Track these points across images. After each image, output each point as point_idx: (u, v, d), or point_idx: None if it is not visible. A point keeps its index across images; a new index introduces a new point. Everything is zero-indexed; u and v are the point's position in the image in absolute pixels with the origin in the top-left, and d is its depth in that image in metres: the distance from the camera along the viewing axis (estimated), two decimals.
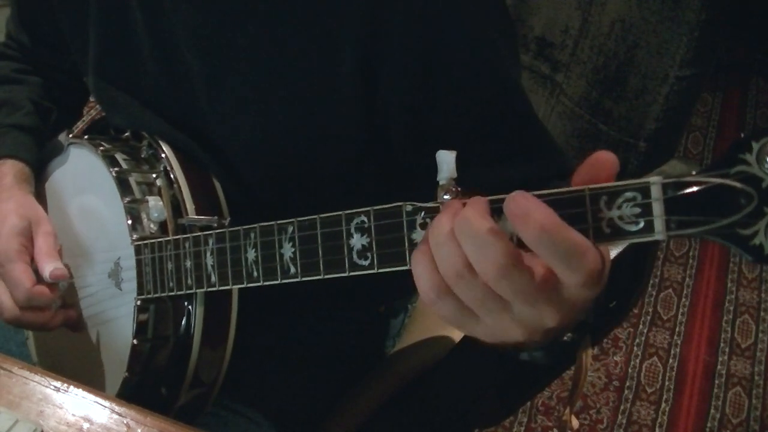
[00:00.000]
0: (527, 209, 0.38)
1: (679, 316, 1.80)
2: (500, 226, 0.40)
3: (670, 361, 1.70)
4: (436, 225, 0.42)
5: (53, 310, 0.76)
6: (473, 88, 0.64)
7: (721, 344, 1.74)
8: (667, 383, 1.65)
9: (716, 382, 1.65)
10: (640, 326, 1.78)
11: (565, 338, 0.47)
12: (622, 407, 1.60)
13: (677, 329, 1.77)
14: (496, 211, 0.41)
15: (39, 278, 0.74)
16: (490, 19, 0.65)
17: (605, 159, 0.40)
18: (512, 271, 0.39)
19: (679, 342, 1.74)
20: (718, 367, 1.69)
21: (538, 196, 0.40)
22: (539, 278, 0.40)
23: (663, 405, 1.61)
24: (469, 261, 0.40)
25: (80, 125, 1.03)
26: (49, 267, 0.73)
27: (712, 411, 1.59)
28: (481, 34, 0.64)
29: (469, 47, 0.63)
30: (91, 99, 0.91)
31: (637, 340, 1.74)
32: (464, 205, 0.42)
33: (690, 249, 1.97)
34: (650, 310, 1.82)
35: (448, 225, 0.41)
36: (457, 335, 0.95)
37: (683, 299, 1.84)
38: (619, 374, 1.67)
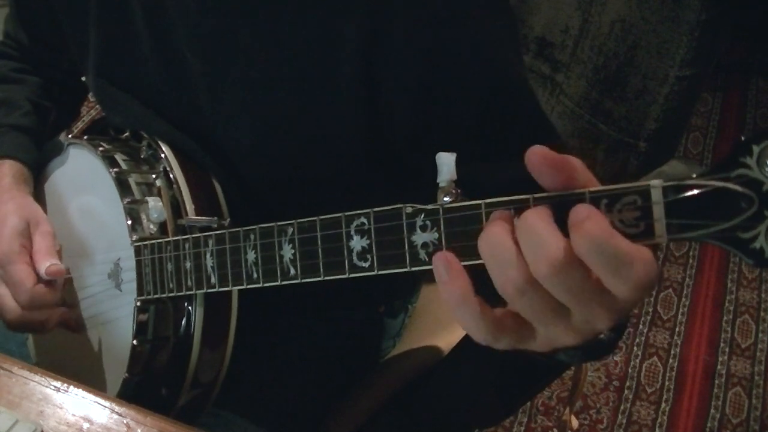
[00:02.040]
0: (583, 217, 0.37)
1: (679, 316, 1.80)
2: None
3: (670, 361, 1.70)
4: (490, 233, 0.40)
5: (54, 309, 0.75)
6: (477, 87, 0.64)
7: (721, 344, 1.74)
8: (667, 383, 1.65)
9: (716, 382, 1.65)
10: (640, 326, 1.78)
11: (602, 337, 0.47)
12: (622, 407, 1.60)
13: (677, 329, 1.77)
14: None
15: (39, 277, 0.74)
16: (492, 17, 0.65)
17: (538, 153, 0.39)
18: (568, 267, 0.38)
19: (679, 342, 1.74)
20: (718, 367, 1.69)
21: (540, 198, 0.40)
22: (596, 279, 0.38)
23: (663, 405, 1.61)
24: (527, 268, 0.39)
25: (80, 125, 1.03)
26: (45, 264, 0.73)
27: (712, 411, 1.60)
28: (484, 32, 0.64)
29: (471, 45, 0.63)
30: (91, 98, 0.91)
31: (637, 340, 1.74)
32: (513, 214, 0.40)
33: (690, 249, 1.97)
34: (650, 310, 1.82)
35: (502, 230, 0.39)
36: (456, 336, 0.95)
37: (683, 299, 1.84)
38: (619, 374, 1.67)
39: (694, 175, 0.35)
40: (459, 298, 0.41)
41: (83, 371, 0.78)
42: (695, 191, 0.36)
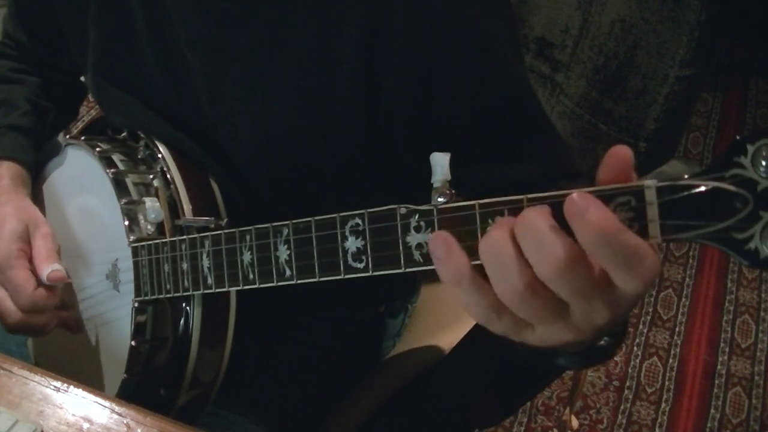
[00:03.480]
0: (586, 210, 0.36)
1: (679, 316, 1.80)
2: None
3: (670, 361, 1.70)
4: (491, 240, 0.40)
5: (53, 313, 0.75)
6: (476, 89, 0.64)
7: (721, 344, 1.73)
8: (667, 383, 1.65)
9: (716, 382, 1.65)
10: (640, 326, 1.78)
11: (602, 342, 0.47)
12: (622, 407, 1.60)
13: (677, 329, 1.77)
14: (490, 214, 0.41)
15: (39, 281, 0.74)
16: (492, 17, 0.65)
17: (620, 154, 0.39)
18: (575, 267, 0.38)
19: (679, 342, 1.74)
20: (718, 367, 1.68)
21: (534, 199, 0.40)
22: (598, 274, 0.39)
23: (663, 405, 1.61)
24: (530, 272, 0.39)
25: (79, 125, 1.03)
26: (47, 269, 0.73)
27: (712, 411, 1.59)
28: (484, 32, 0.64)
29: (471, 47, 0.63)
30: (90, 99, 0.91)
31: (637, 340, 1.74)
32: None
33: (690, 249, 1.97)
34: (650, 310, 1.81)
35: (504, 235, 0.39)
36: (457, 336, 0.95)
37: (683, 299, 1.84)
38: (619, 374, 1.67)
39: (686, 176, 0.35)
40: (456, 275, 0.41)
41: (82, 371, 0.78)
42: (689, 192, 0.35)
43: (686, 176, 0.35)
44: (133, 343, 0.67)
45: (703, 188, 0.35)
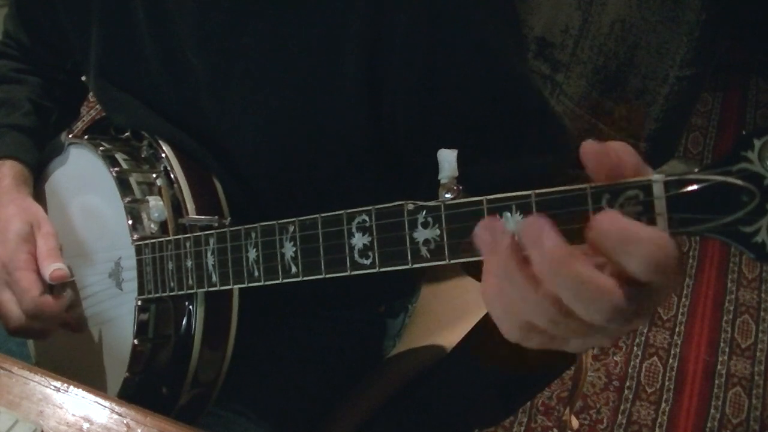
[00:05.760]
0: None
1: (679, 316, 1.80)
2: (503, 222, 0.40)
3: (670, 361, 1.70)
4: (511, 272, 0.38)
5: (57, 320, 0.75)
6: (479, 86, 0.64)
7: (721, 344, 1.74)
8: (667, 383, 1.65)
9: (716, 382, 1.65)
10: (640, 326, 1.78)
11: None
12: (622, 407, 1.60)
13: (677, 329, 1.77)
14: (497, 210, 0.41)
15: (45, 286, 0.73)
16: (494, 15, 0.65)
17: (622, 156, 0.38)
18: (628, 307, 0.36)
19: (679, 342, 1.74)
20: (718, 367, 1.68)
21: (540, 194, 0.40)
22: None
23: (663, 405, 1.61)
24: (565, 306, 0.37)
25: (80, 125, 1.03)
26: (49, 268, 0.73)
27: (712, 411, 1.59)
28: (486, 31, 0.64)
29: (473, 44, 0.63)
30: (91, 98, 0.91)
31: (637, 340, 1.74)
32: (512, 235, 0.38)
33: (690, 249, 1.97)
34: None
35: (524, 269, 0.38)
36: (457, 336, 0.95)
37: (683, 299, 1.84)
38: (619, 374, 1.67)
39: (696, 170, 0.36)
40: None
41: (84, 371, 0.78)
42: (697, 186, 0.36)
43: (696, 170, 0.36)
44: (135, 341, 0.67)
45: (710, 182, 0.35)
